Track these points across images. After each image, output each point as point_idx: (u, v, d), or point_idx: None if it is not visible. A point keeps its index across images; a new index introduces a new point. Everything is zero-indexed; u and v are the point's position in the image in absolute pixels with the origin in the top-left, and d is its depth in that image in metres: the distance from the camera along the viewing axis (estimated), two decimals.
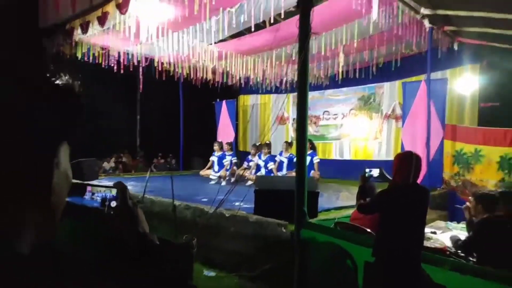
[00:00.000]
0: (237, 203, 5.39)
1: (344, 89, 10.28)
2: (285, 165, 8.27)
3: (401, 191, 2.50)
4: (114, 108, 12.74)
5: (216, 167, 8.86)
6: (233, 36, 7.66)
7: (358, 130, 10.14)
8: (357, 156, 10.24)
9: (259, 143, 9.24)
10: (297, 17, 6.64)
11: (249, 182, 7.99)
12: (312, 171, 7.82)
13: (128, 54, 8.76)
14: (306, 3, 3.86)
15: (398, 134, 9.46)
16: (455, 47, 7.20)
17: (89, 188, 1.01)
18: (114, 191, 1.04)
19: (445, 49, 7.34)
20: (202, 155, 12.55)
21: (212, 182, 8.70)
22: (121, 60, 8.65)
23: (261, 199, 4.31)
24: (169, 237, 5.07)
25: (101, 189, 0.99)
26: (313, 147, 8.27)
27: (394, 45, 7.61)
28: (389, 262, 2.48)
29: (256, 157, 8.63)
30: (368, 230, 3.17)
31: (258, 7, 5.87)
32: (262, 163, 8.38)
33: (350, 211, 4.88)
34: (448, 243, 3.31)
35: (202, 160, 13.32)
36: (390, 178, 2.89)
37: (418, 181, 7.70)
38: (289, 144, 8.60)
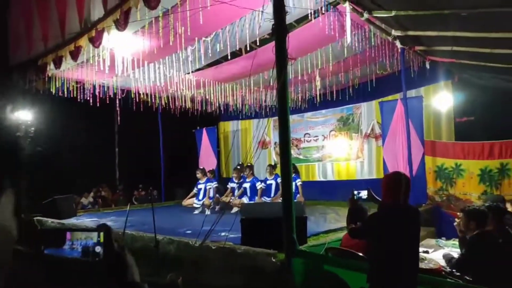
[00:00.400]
0: (223, 233, 5.22)
1: (323, 111, 10.39)
2: (273, 187, 8.10)
3: (392, 212, 2.43)
4: (91, 142, 12.45)
5: (200, 195, 8.64)
6: (210, 65, 7.68)
7: (340, 150, 10.19)
8: (340, 176, 10.24)
9: (240, 163, 9.11)
10: (273, 43, 6.79)
11: (235, 209, 7.81)
12: (297, 195, 7.72)
13: (104, 86, 8.63)
14: (281, 30, 3.89)
15: (379, 153, 9.55)
16: (427, 65, 7.41)
17: (68, 235, 0.87)
18: (96, 236, 0.91)
19: (417, 68, 7.54)
20: (184, 185, 12.31)
21: (196, 211, 8.47)
22: (97, 93, 8.49)
23: (248, 228, 4.18)
24: (153, 275, 4.82)
25: (82, 235, 0.85)
26: (296, 171, 8.21)
27: (368, 67, 7.79)
28: None
29: (241, 180, 8.48)
30: (361, 254, 3.07)
31: (234, 35, 5.92)
32: (248, 185, 8.19)
33: (340, 234, 4.79)
34: (442, 262, 3.24)
35: (185, 190, 13.07)
36: (379, 199, 2.84)
37: None
38: (273, 167, 8.50)
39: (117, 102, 8.99)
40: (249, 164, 8.64)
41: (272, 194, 8.14)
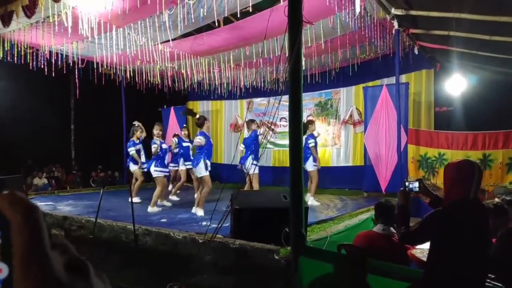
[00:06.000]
0: (204, 223, 4.67)
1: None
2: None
3: (461, 211, 1.97)
4: (44, 117, 11.23)
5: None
6: (185, 35, 6.93)
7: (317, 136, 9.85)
8: None
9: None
10: (258, 14, 6.17)
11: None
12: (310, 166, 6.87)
13: (61, 54, 7.60)
14: None
15: (356, 140, 9.33)
16: (416, 51, 7.14)
17: None
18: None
19: (401, 53, 7.25)
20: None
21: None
22: (53, 61, 7.47)
23: (242, 219, 3.64)
24: (124, 272, 4.18)
25: None
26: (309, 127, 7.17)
27: (355, 49, 7.41)
28: None
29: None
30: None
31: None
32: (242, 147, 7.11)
33: (339, 226, 4.40)
34: None
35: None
36: (434, 193, 2.41)
37: (383, 187, 7.38)
38: (251, 121, 7.33)
39: (76, 73, 7.97)
40: (252, 119, 7.56)
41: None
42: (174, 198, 7.54)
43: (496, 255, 2.84)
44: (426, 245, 2.31)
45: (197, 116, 7.36)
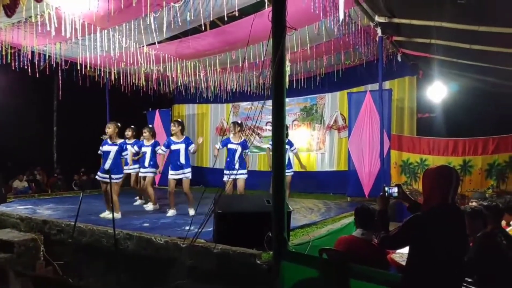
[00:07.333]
0: (187, 227, 4.63)
1: (287, 99, 9.90)
2: (238, 152, 6.75)
3: (440, 215, 1.99)
4: (25, 118, 11.01)
5: None
6: (171, 38, 6.90)
7: (301, 141, 9.90)
8: (300, 167, 9.96)
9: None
10: (242, 20, 6.20)
11: None
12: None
13: (44, 54, 7.47)
14: None
15: (341, 145, 9.42)
16: (399, 58, 7.27)
17: None
18: None
19: (385, 60, 7.37)
20: None
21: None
22: (35, 61, 7.32)
23: (224, 224, 3.63)
24: (105, 276, 4.11)
25: None
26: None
27: (340, 55, 7.50)
28: None
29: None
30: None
31: (207, 3, 5.21)
32: (238, 148, 6.68)
33: (321, 230, 4.43)
34: None
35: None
36: (412, 198, 2.46)
37: (366, 192, 7.47)
38: (239, 125, 6.88)
39: (60, 74, 7.84)
40: (238, 122, 7.19)
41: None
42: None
43: (472, 258, 2.90)
44: (406, 250, 2.35)
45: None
